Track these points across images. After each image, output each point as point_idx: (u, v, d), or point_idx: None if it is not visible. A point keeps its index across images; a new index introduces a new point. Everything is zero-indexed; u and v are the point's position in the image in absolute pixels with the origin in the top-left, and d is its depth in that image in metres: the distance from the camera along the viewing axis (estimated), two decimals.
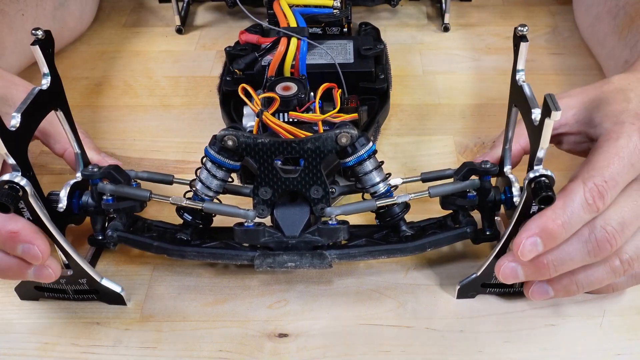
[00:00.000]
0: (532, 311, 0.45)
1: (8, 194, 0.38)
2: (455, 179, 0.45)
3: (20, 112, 0.39)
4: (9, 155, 0.39)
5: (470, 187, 0.44)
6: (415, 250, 0.45)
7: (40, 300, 0.46)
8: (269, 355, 0.43)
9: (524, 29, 0.41)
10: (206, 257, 0.45)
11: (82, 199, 0.45)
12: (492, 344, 0.43)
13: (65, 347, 0.43)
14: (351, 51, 0.59)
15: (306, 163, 0.42)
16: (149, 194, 0.44)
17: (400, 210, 0.45)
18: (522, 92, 0.41)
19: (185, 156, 0.58)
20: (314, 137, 0.42)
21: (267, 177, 0.43)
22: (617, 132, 0.43)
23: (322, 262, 0.44)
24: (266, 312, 0.46)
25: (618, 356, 0.43)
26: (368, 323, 0.45)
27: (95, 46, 0.73)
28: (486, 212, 0.46)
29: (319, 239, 0.44)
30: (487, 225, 0.46)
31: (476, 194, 0.45)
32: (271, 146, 0.42)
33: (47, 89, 0.42)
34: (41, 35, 0.41)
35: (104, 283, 0.44)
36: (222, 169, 0.44)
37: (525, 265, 0.41)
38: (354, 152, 0.43)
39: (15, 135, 0.39)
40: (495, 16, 0.76)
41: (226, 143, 0.42)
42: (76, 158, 0.47)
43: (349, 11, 0.64)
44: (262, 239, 0.44)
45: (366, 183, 0.44)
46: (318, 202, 0.44)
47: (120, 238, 0.45)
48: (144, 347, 0.43)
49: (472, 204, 0.45)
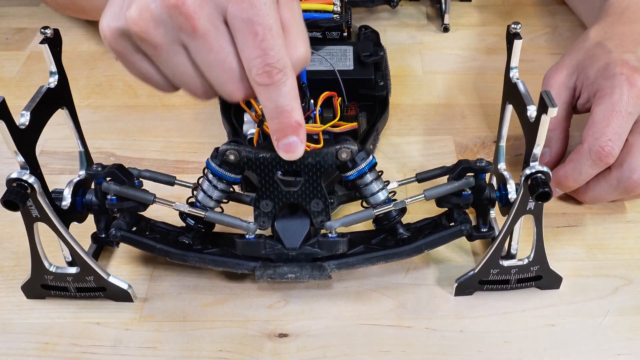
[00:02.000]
0: (532, 311, 0.45)
1: (17, 192, 0.38)
2: (450, 178, 0.45)
3: (30, 110, 0.39)
4: (19, 153, 0.39)
5: (465, 186, 0.44)
6: (412, 253, 0.45)
7: (40, 300, 0.46)
8: (269, 355, 0.43)
9: (517, 26, 0.41)
10: (208, 263, 0.45)
11: (86, 197, 0.45)
12: (492, 344, 0.43)
13: (65, 347, 0.43)
14: (351, 57, 0.59)
15: (307, 177, 0.42)
16: (152, 197, 0.44)
17: (397, 213, 0.45)
18: (516, 89, 0.42)
19: (185, 156, 0.58)
20: (314, 152, 0.42)
21: (269, 190, 0.43)
22: (609, 87, 0.48)
23: (321, 274, 0.44)
24: (266, 312, 0.46)
25: (618, 356, 0.43)
26: (368, 323, 0.45)
27: (95, 46, 0.73)
28: (481, 210, 0.46)
29: (319, 252, 0.44)
30: (482, 222, 0.46)
31: (471, 192, 0.45)
32: (272, 160, 0.42)
33: (55, 87, 0.42)
34: (50, 33, 0.41)
35: (111, 280, 0.44)
36: (223, 182, 0.44)
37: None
38: (354, 166, 0.43)
39: (24, 133, 0.39)
40: (495, 16, 0.77)
41: (228, 157, 0.42)
42: (80, 156, 0.47)
43: (349, 16, 0.64)
44: (263, 251, 0.44)
45: (366, 193, 0.44)
46: (318, 215, 0.44)
47: (123, 238, 0.45)
48: (144, 347, 0.43)
49: (467, 202, 0.45)
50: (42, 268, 0.44)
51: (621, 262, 0.48)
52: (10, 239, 0.51)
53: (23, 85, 0.67)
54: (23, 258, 0.49)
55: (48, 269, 0.44)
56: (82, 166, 0.47)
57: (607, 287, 0.47)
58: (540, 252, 0.44)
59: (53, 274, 0.44)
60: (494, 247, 0.43)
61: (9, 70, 0.69)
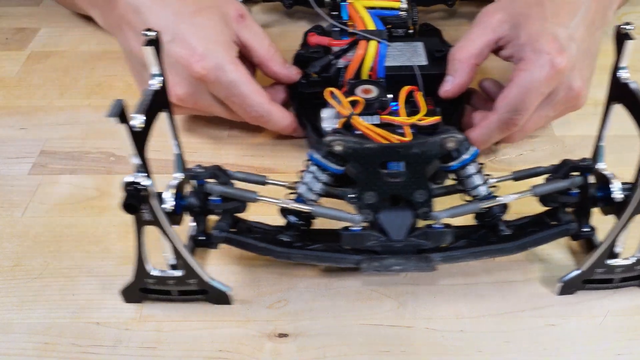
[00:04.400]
0: (532, 311, 0.45)
1: (135, 195, 0.38)
2: (555, 177, 0.45)
3: (142, 112, 0.39)
4: (137, 156, 0.39)
5: (573, 184, 0.45)
6: (517, 250, 0.45)
7: (40, 300, 0.46)
8: (269, 355, 0.43)
9: (628, 27, 0.41)
10: (312, 259, 0.45)
11: (187, 199, 0.45)
12: (492, 344, 0.43)
13: (65, 347, 0.43)
14: (423, 53, 0.59)
15: (411, 168, 0.43)
16: (255, 195, 0.44)
17: (500, 210, 0.45)
18: (627, 89, 0.42)
19: (185, 156, 0.58)
20: (420, 141, 0.42)
21: (372, 181, 0.43)
22: (532, 63, 0.50)
23: (427, 265, 0.44)
24: (266, 312, 0.46)
25: (618, 356, 0.43)
26: (368, 323, 0.45)
27: (95, 46, 0.73)
28: (584, 209, 0.46)
29: (425, 242, 0.44)
30: (585, 221, 0.46)
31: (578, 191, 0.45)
32: (378, 151, 0.42)
33: (159, 89, 0.42)
34: (153, 35, 0.41)
35: (213, 283, 0.44)
36: (326, 173, 0.44)
37: None
38: (458, 155, 0.43)
39: (139, 136, 0.39)
40: None
41: (334, 148, 0.42)
42: (176, 159, 0.47)
43: (415, 13, 0.64)
44: (369, 243, 0.44)
45: (468, 186, 0.45)
46: (421, 206, 0.44)
47: (227, 239, 0.45)
48: (144, 347, 0.43)
49: (575, 201, 0.45)
50: (145, 272, 0.44)
51: None
52: (10, 239, 0.51)
53: (23, 85, 0.67)
54: (23, 258, 0.49)
55: (150, 273, 0.44)
56: (178, 169, 0.47)
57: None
58: None
59: (156, 277, 0.44)
60: (605, 246, 0.43)
61: (9, 70, 0.69)
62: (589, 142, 0.47)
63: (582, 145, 0.57)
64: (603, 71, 0.66)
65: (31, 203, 0.54)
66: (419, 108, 0.50)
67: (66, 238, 0.51)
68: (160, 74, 0.42)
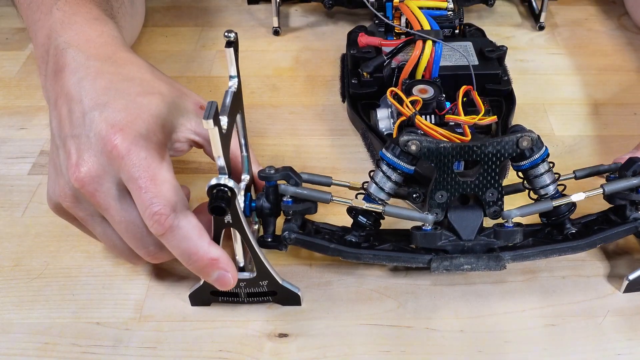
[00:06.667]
0: (532, 311, 0.45)
1: (223, 197, 0.38)
2: (623, 175, 0.45)
3: (227, 114, 0.39)
4: (221, 158, 0.38)
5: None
6: (586, 247, 0.45)
7: (40, 300, 0.46)
8: (269, 355, 0.43)
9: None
10: (382, 259, 0.45)
11: (257, 201, 0.45)
12: (492, 344, 0.43)
13: (65, 347, 0.43)
14: (473, 52, 0.59)
15: (485, 167, 0.43)
16: (330, 196, 0.44)
17: (568, 209, 0.45)
18: None
19: (185, 156, 0.58)
20: (495, 140, 0.42)
21: (445, 181, 0.43)
22: None
23: (497, 264, 0.44)
24: (266, 312, 0.46)
25: (618, 356, 0.43)
26: (368, 323, 0.45)
27: None
28: None
29: (495, 241, 0.44)
30: None
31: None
32: (452, 150, 0.42)
33: (236, 91, 0.42)
34: (233, 37, 0.41)
35: (284, 284, 0.44)
36: (397, 172, 0.44)
37: None
38: (530, 155, 0.43)
39: (223, 137, 0.38)
40: None
41: (409, 147, 0.42)
42: (243, 161, 0.47)
43: (462, 13, 0.64)
44: (440, 242, 0.44)
45: (538, 184, 0.45)
46: (493, 205, 0.44)
47: (297, 240, 0.45)
48: (144, 347, 0.43)
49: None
50: None
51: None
52: (10, 239, 0.51)
53: (23, 85, 0.67)
54: (23, 258, 0.49)
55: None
56: (245, 171, 0.47)
57: (607, 287, 0.47)
58: None
59: None
60: None
61: (9, 70, 0.69)
62: (588, 142, 0.47)
63: (582, 145, 0.57)
64: (603, 71, 0.67)
65: (31, 203, 0.54)
66: (477, 107, 0.49)
67: (66, 238, 0.51)
68: (237, 76, 0.42)
